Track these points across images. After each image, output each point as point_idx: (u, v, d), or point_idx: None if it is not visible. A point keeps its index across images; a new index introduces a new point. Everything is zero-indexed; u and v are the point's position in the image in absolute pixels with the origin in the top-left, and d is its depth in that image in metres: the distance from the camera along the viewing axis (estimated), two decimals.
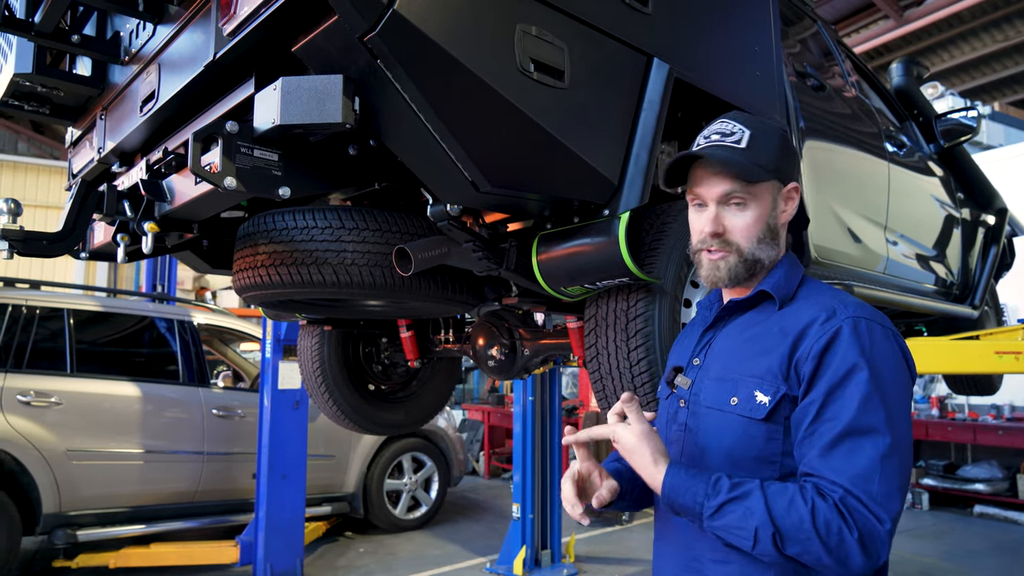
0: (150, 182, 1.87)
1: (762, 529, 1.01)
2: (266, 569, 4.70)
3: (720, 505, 1.04)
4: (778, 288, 1.19)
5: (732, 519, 1.03)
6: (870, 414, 1.02)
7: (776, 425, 1.10)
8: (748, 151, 1.18)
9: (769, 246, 1.21)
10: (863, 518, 0.99)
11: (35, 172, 12.55)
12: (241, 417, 5.17)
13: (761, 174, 1.18)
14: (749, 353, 1.16)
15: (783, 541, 1.00)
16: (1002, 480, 7.10)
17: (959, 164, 3.97)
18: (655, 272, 1.79)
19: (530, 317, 2.71)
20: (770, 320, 1.17)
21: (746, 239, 1.19)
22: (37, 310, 4.60)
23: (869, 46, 9.76)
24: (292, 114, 1.39)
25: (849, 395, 1.03)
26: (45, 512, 4.28)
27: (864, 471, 1.00)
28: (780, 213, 1.23)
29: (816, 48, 2.99)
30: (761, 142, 1.20)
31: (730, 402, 1.15)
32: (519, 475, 5.29)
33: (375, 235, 1.91)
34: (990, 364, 3.04)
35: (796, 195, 1.26)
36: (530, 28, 1.49)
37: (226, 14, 1.49)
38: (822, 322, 1.09)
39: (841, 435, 1.02)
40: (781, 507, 1.01)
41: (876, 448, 1.01)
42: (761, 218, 1.20)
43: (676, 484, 1.08)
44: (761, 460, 1.11)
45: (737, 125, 1.21)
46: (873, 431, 1.02)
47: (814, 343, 1.08)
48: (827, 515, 0.99)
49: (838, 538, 0.98)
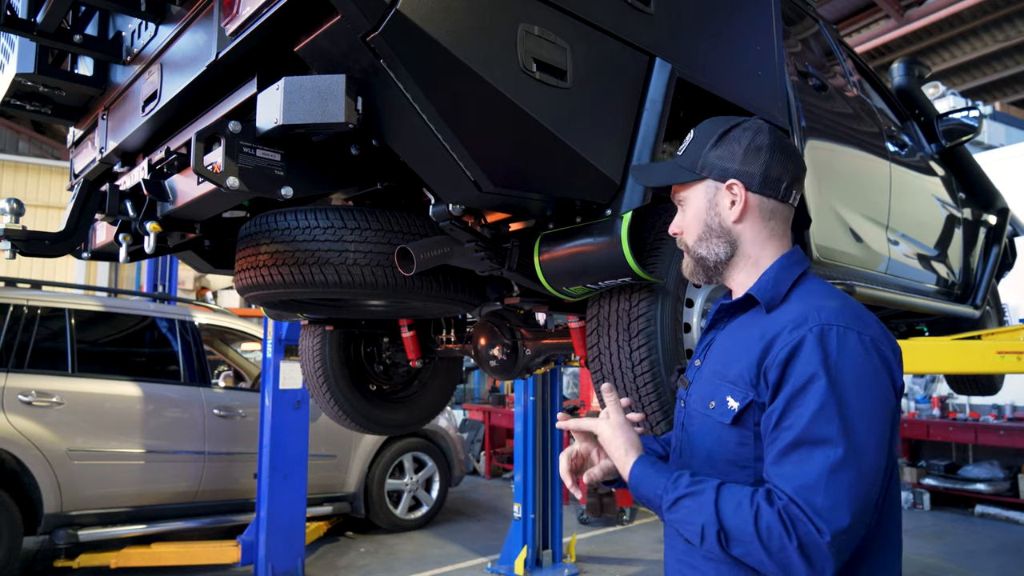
0: (152, 182, 1.87)
1: (708, 527, 1.04)
2: (267, 569, 4.70)
3: (676, 499, 1.08)
4: (763, 291, 1.17)
5: (684, 514, 1.07)
6: (823, 425, 1.01)
7: (746, 430, 1.11)
8: (681, 155, 1.26)
9: (716, 245, 1.22)
10: (804, 527, 0.98)
11: (36, 172, 12.56)
12: (242, 417, 5.17)
13: (681, 175, 1.23)
14: (730, 357, 1.17)
15: (728, 540, 1.03)
16: (1003, 480, 7.10)
17: (960, 164, 3.97)
18: (657, 272, 1.79)
19: (532, 317, 2.71)
20: (756, 324, 1.17)
21: (690, 238, 1.25)
22: (38, 310, 4.61)
23: (870, 46, 9.76)
24: (295, 114, 1.39)
25: (806, 404, 1.02)
26: (46, 512, 4.28)
27: (810, 481, 0.99)
28: (724, 210, 1.21)
29: (818, 48, 2.99)
30: (694, 143, 1.24)
31: (708, 406, 1.17)
32: (520, 475, 5.30)
33: (377, 235, 1.91)
34: (992, 364, 3.04)
35: (739, 190, 1.19)
36: (532, 28, 1.49)
37: (228, 14, 1.49)
38: (790, 330, 1.08)
39: (793, 444, 1.02)
40: (729, 508, 1.03)
41: (826, 459, 0.99)
42: (697, 217, 1.24)
43: (641, 476, 1.13)
44: (734, 464, 1.13)
45: (694, 131, 1.27)
46: (825, 442, 1.00)
47: (780, 351, 1.07)
48: (769, 520, 0.99)
49: (779, 544, 0.98)
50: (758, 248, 1.21)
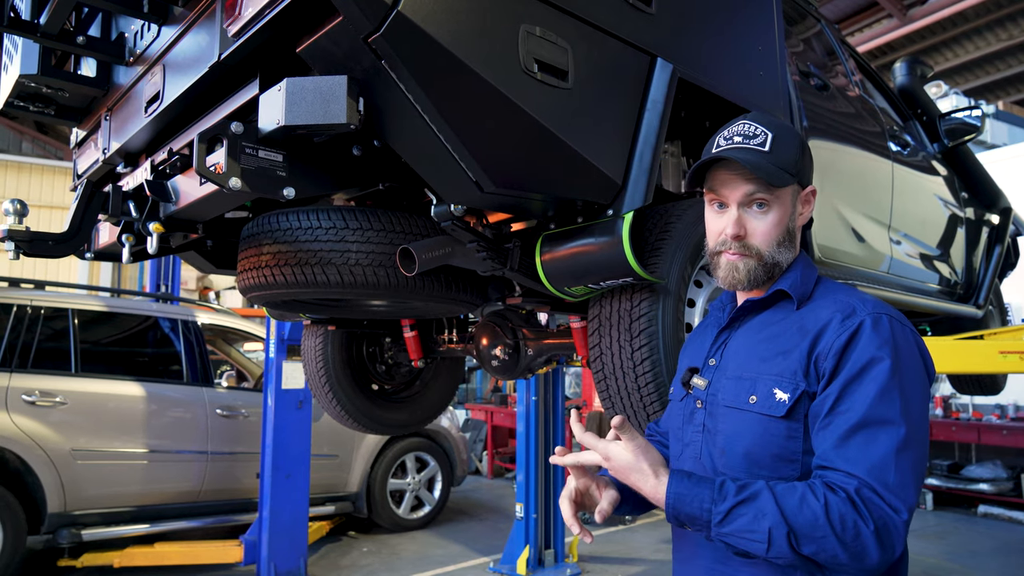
0: (155, 183, 1.88)
1: (776, 529, 0.98)
2: (270, 568, 4.71)
3: (729, 509, 1.01)
4: (795, 287, 1.19)
5: (743, 523, 1.00)
6: (886, 405, 1.02)
7: (796, 423, 1.10)
8: (771, 154, 1.18)
9: (787, 249, 1.22)
10: (878, 509, 0.98)
11: (39, 172, 12.58)
12: (245, 417, 5.18)
13: (785, 178, 1.18)
14: (767, 352, 1.16)
15: (798, 540, 0.98)
16: (1006, 480, 7.08)
17: (963, 163, 3.96)
18: (659, 272, 1.79)
19: (533, 317, 2.71)
20: (788, 319, 1.17)
21: (766, 242, 1.20)
22: (42, 310, 4.62)
23: (872, 45, 9.74)
24: (297, 115, 1.39)
25: (866, 387, 1.04)
26: (50, 511, 4.30)
27: (880, 461, 1.00)
28: (799, 216, 1.24)
29: (819, 47, 2.98)
30: (783, 145, 1.20)
31: (749, 400, 1.14)
32: (522, 475, 5.30)
33: (379, 235, 1.91)
34: (994, 364, 3.04)
35: (813, 198, 1.27)
36: (534, 28, 1.49)
37: (231, 15, 1.49)
38: (842, 319, 1.10)
39: (856, 426, 1.02)
40: (792, 505, 0.99)
41: (892, 439, 1.01)
42: (782, 221, 1.20)
43: (681, 493, 1.05)
44: (781, 458, 1.10)
45: (759, 127, 1.21)
46: (889, 422, 1.02)
47: (835, 340, 1.08)
48: (841, 509, 0.97)
49: (854, 532, 0.97)
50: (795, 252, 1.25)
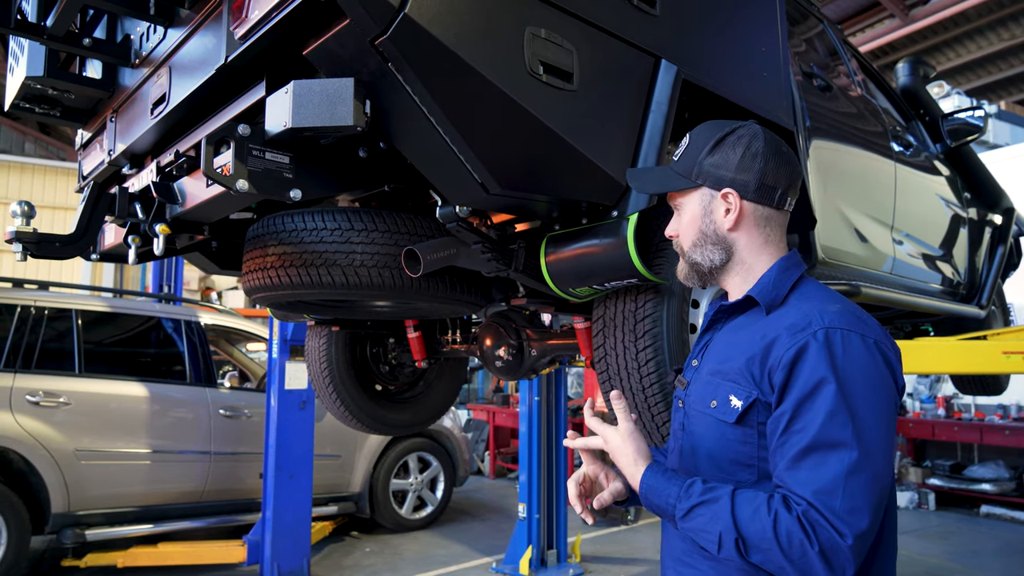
0: (162, 184, 1.88)
1: (726, 534, 1.03)
2: (273, 568, 4.72)
3: (690, 508, 1.07)
4: (763, 293, 1.18)
5: (700, 522, 1.06)
6: (836, 429, 1.01)
7: (749, 429, 1.11)
8: (677, 162, 1.26)
9: (711, 251, 1.23)
10: (825, 532, 0.98)
11: (42, 173, 12.60)
12: (248, 417, 5.19)
13: (676, 182, 1.24)
14: (731, 356, 1.17)
15: (746, 548, 1.02)
16: (1009, 480, 7.08)
17: (966, 163, 3.96)
18: (663, 273, 1.79)
19: (537, 318, 2.72)
20: (756, 325, 1.17)
21: (685, 243, 1.27)
22: (45, 311, 4.63)
23: (874, 45, 9.74)
24: (304, 117, 1.40)
25: (817, 408, 1.03)
26: (54, 511, 4.31)
27: (828, 485, 0.99)
28: (720, 218, 1.22)
29: (822, 48, 2.99)
30: (691, 149, 1.25)
31: (710, 404, 1.17)
32: (525, 475, 5.30)
33: (384, 236, 1.92)
34: (997, 364, 3.04)
35: (734, 199, 1.20)
36: (539, 31, 1.50)
37: (238, 18, 1.50)
38: (795, 332, 1.08)
39: (807, 448, 1.02)
40: (746, 515, 1.02)
41: (841, 463, 1.00)
42: (693, 223, 1.25)
43: (652, 485, 1.12)
44: (737, 463, 1.13)
45: (690, 135, 1.27)
46: (839, 445, 1.01)
47: (784, 352, 1.07)
48: (789, 527, 0.99)
49: (800, 551, 0.98)
50: (753, 255, 1.22)
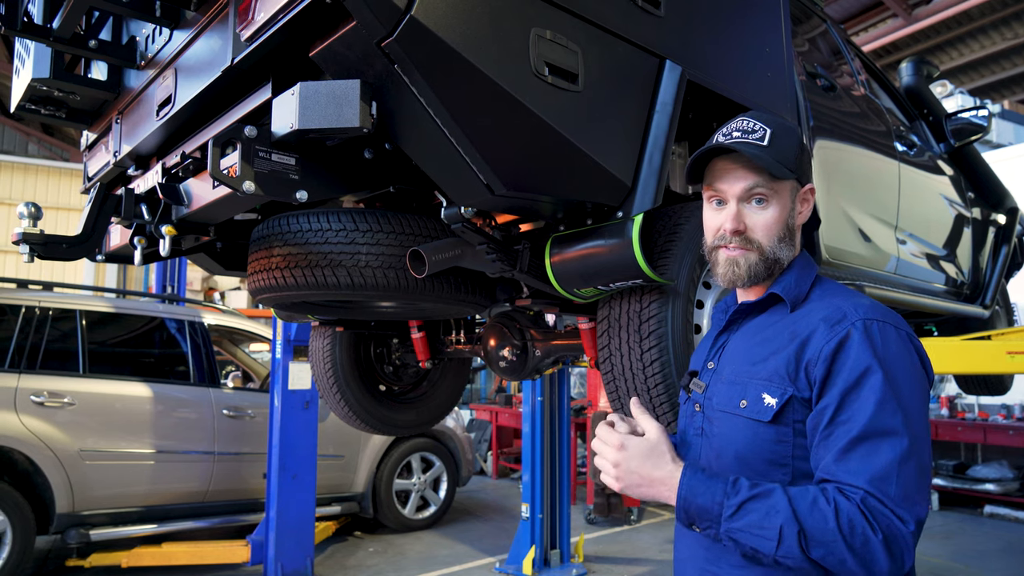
0: (168, 186, 1.89)
1: (787, 527, 0.98)
2: (277, 568, 4.73)
3: (741, 503, 1.01)
4: (788, 290, 1.19)
5: (754, 518, 1.00)
6: (887, 416, 1.01)
7: (784, 427, 1.10)
8: (770, 148, 1.17)
9: (788, 246, 1.21)
10: (885, 519, 0.97)
11: (45, 174, 12.63)
12: (251, 417, 5.20)
13: (784, 171, 1.18)
14: (759, 355, 1.16)
15: (808, 542, 0.97)
16: (1012, 480, 7.07)
17: (969, 163, 3.96)
18: (668, 274, 1.79)
19: (541, 318, 2.72)
20: (782, 322, 1.17)
21: (767, 237, 1.19)
22: (50, 311, 4.65)
23: (877, 44, 9.72)
24: (310, 119, 1.40)
25: (864, 398, 1.02)
26: (58, 512, 4.32)
27: (882, 473, 0.99)
28: (797, 214, 1.24)
29: (826, 47, 2.99)
30: (782, 141, 1.20)
31: (739, 404, 1.15)
32: (528, 475, 5.30)
33: (389, 237, 1.92)
34: (1002, 364, 3.03)
35: (812, 197, 1.26)
36: (545, 32, 1.50)
37: (244, 20, 1.50)
38: (832, 324, 1.08)
39: (858, 438, 1.01)
40: (804, 505, 0.99)
41: (894, 450, 1.00)
42: (782, 217, 1.20)
43: (694, 485, 1.05)
44: (772, 463, 1.11)
45: (758, 123, 1.21)
46: (891, 433, 1.01)
47: (824, 345, 1.07)
48: (850, 514, 0.97)
49: (862, 539, 0.96)
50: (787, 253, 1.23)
